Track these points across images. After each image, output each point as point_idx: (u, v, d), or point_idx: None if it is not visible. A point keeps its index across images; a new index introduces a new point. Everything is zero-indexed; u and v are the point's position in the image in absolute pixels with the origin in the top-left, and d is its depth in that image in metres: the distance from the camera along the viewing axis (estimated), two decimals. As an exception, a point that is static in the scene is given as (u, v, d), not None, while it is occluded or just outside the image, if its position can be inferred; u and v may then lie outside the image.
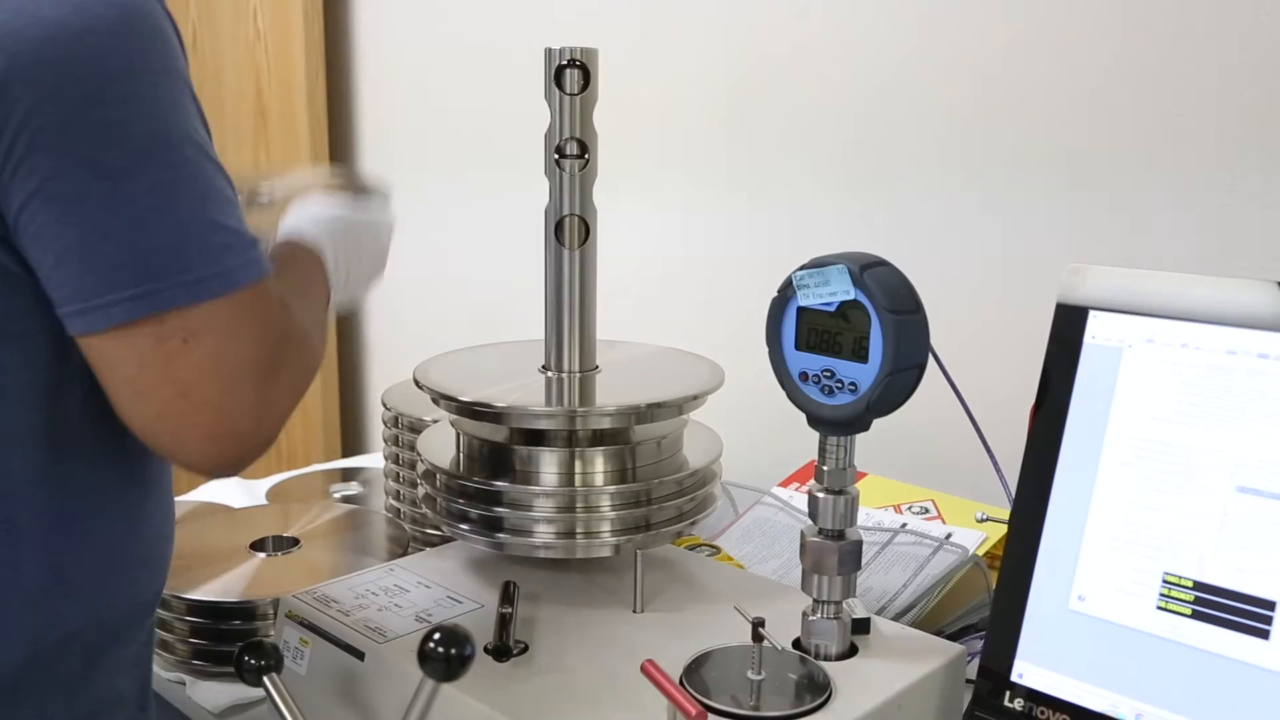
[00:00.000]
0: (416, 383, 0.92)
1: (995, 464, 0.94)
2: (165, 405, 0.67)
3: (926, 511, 1.15)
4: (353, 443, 2.05)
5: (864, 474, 1.24)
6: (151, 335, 0.65)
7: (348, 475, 1.50)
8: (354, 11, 1.93)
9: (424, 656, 0.65)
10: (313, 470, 1.58)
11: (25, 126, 0.62)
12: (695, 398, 0.90)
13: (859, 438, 0.79)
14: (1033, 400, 0.78)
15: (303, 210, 0.90)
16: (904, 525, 1.12)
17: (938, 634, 0.99)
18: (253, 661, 0.72)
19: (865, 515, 1.16)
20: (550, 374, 0.94)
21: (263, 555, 1.05)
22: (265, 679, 0.72)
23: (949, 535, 1.09)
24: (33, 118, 0.62)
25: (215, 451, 0.68)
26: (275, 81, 1.97)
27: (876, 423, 0.77)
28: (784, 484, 1.24)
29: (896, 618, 0.99)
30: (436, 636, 0.64)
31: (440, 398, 0.89)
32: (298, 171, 1.02)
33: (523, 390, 0.90)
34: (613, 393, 0.91)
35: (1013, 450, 0.81)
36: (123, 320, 0.64)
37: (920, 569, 1.05)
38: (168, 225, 0.65)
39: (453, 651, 0.64)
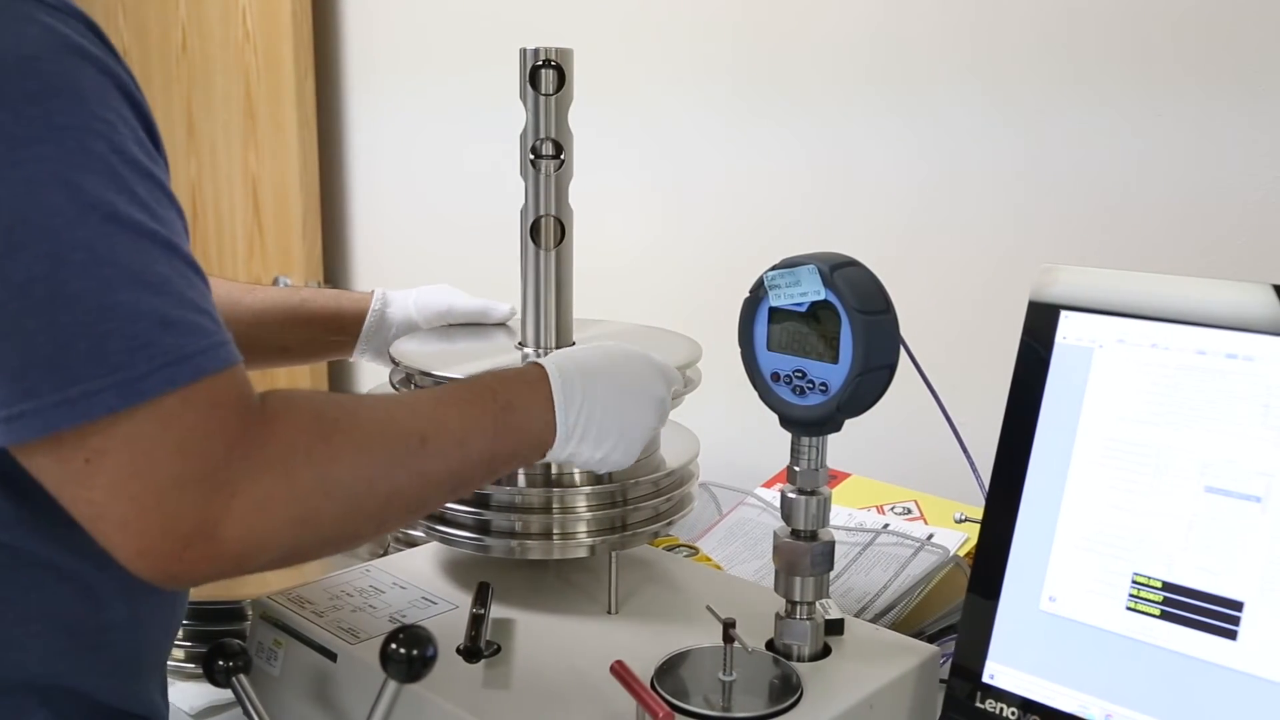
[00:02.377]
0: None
1: (971, 464, 0.94)
2: (89, 524, 0.57)
3: (909, 512, 1.15)
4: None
5: (847, 474, 1.24)
6: (50, 455, 0.56)
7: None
8: (342, 13, 1.93)
9: (386, 658, 0.65)
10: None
11: None
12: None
13: (847, 438, 0.79)
14: (1007, 400, 0.78)
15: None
16: (886, 526, 1.12)
17: (918, 634, 0.99)
18: (221, 663, 0.72)
19: (848, 516, 1.16)
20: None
21: None
22: (234, 680, 0.72)
23: (930, 536, 1.08)
24: None
25: (148, 569, 0.57)
26: (264, 83, 1.97)
27: (861, 423, 0.77)
28: (767, 485, 1.23)
29: (876, 618, 0.99)
30: (399, 638, 0.64)
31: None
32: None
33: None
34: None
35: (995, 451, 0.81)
36: (11, 442, 0.56)
37: (901, 570, 1.05)
38: (46, 330, 0.54)
39: (414, 653, 0.64)
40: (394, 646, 0.65)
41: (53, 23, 0.57)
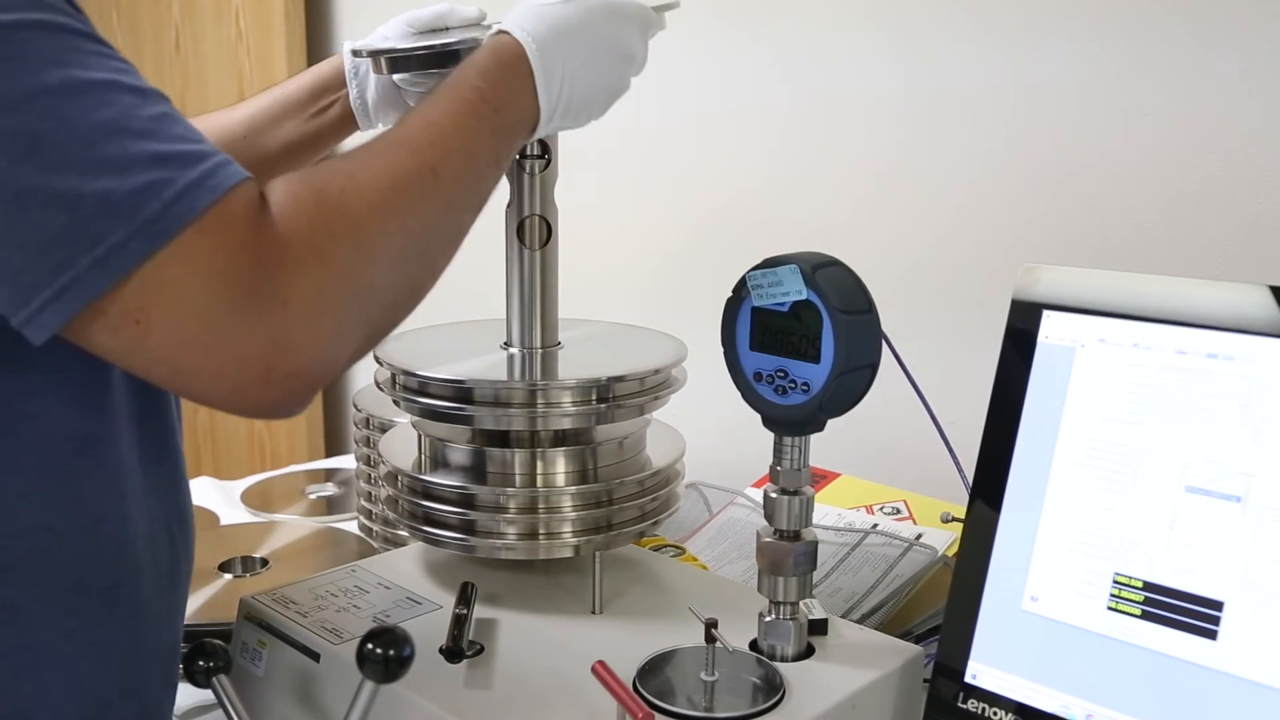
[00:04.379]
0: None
1: (957, 464, 0.94)
2: (171, 382, 0.58)
3: (898, 512, 1.15)
4: (336, 442, 2.05)
5: (837, 474, 1.24)
6: (103, 329, 0.55)
7: (328, 475, 1.50)
8: (335, 12, 1.93)
9: (362, 658, 0.65)
10: (290, 471, 1.58)
11: None
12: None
13: (837, 438, 0.79)
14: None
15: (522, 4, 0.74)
16: (875, 526, 1.12)
17: (906, 635, 0.99)
18: (201, 663, 0.72)
19: (837, 516, 1.16)
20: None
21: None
22: (214, 680, 0.72)
23: (919, 536, 1.08)
24: None
25: (254, 404, 0.58)
26: (257, 82, 1.96)
27: (850, 423, 0.77)
28: (757, 485, 1.23)
29: (864, 618, 0.98)
30: (375, 638, 0.64)
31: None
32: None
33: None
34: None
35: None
36: (58, 324, 0.55)
37: (889, 570, 1.05)
38: (50, 202, 0.53)
39: (391, 653, 0.64)
40: (370, 647, 0.65)
41: None
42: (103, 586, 0.68)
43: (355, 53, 0.93)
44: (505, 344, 0.94)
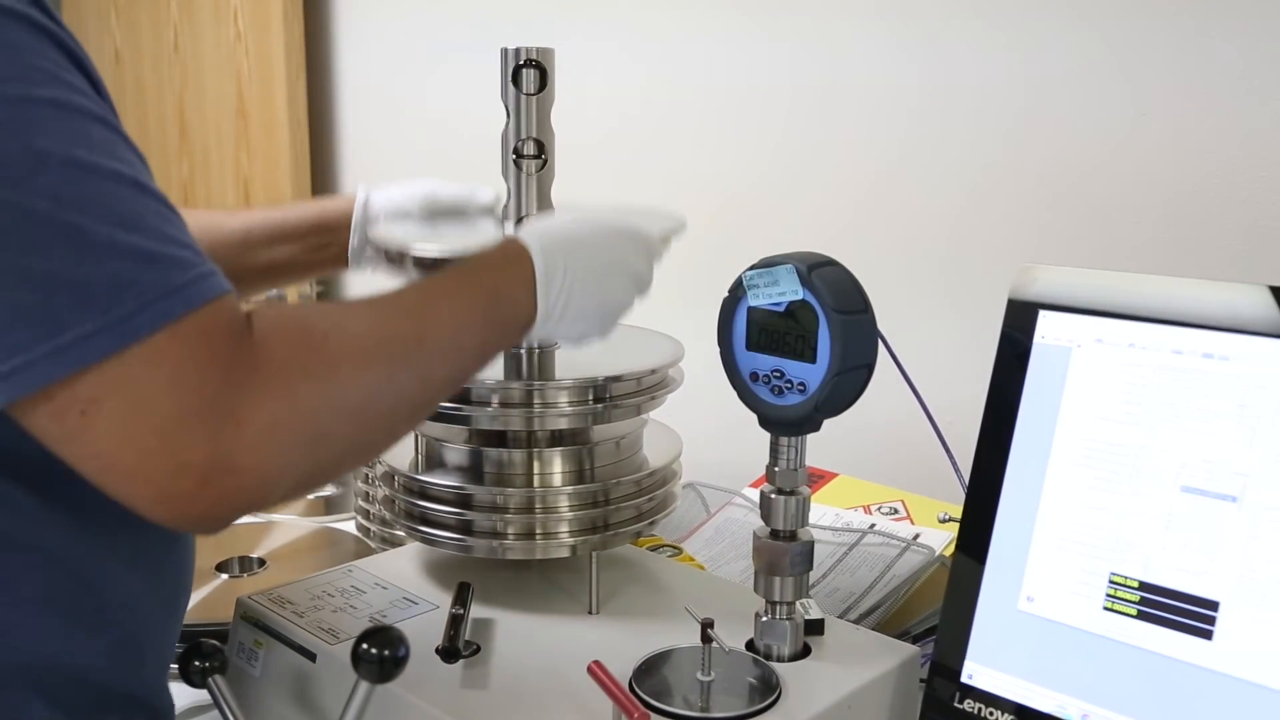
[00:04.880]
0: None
1: (954, 463, 0.93)
2: (97, 477, 0.56)
3: (895, 512, 1.15)
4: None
5: (835, 474, 1.24)
6: (46, 413, 0.54)
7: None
8: (334, 12, 1.93)
9: (357, 658, 0.65)
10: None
11: None
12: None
13: (835, 437, 0.79)
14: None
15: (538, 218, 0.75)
16: (873, 526, 1.12)
17: (903, 635, 0.99)
18: (196, 663, 0.72)
19: (835, 516, 1.16)
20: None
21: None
22: (210, 680, 0.72)
23: (917, 536, 1.08)
24: None
25: (170, 514, 0.57)
26: (256, 82, 1.97)
27: (848, 423, 0.77)
28: (755, 485, 1.23)
29: (861, 618, 0.98)
30: (370, 638, 0.64)
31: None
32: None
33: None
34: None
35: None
36: (6, 402, 0.54)
37: (887, 570, 1.05)
38: (24, 281, 0.53)
39: (386, 653, 0.64)
40: (365, 647, 0.65)
41: None
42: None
43: (378, 244, 0.92)
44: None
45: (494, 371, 0.87)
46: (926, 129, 1.25)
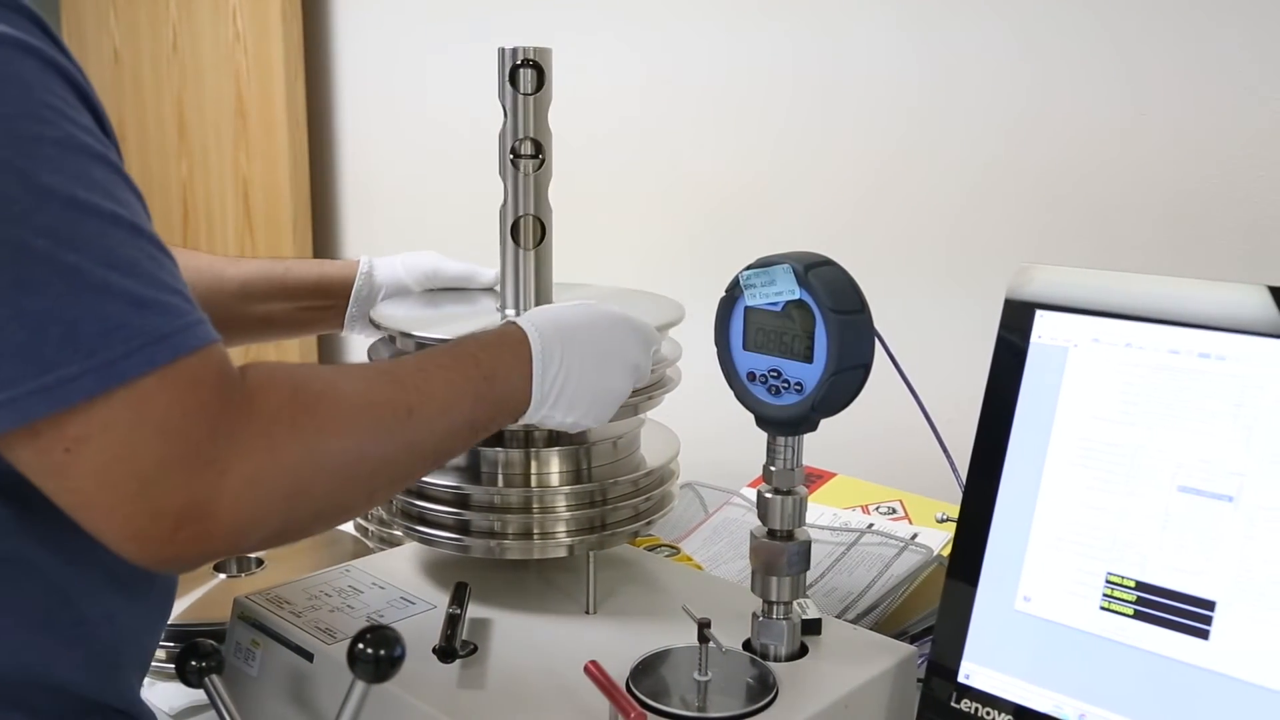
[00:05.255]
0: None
1: (951, 463, 0.93)
2: (75, 512, 0.57)
3: (894, 512, 1.15)
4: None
5: (833, 474, 1.24)
6: (29, 447, 0.55)
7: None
8: (333, 12, 1.93)
9: (353, 658, 0.65)
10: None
11: None
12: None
13: (833, 437, 0.78)
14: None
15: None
16: (870, 526, 1.12)
17: (901, 634, 0.99)
18: (193, 663, 0.72)
19: (833, 516, 1.16)
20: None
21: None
22: (206, 680, 0.72)
23: (915, 536, 1.08)
24: None
25: (144, 554, 0.57)
26: (254, 82, 1.97)
27: (847, 422, 0.77)
28: (754, 484, 1.23)
29: (859, 618, 0.98)
30: (366, 638, 0.64)
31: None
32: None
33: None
34: None
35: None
36: None
37: (885, 569, 1.05)
38: (15, 320, 0.53)
39: (382, 653, 0.64)
40: (361, 646, 0.65)
41: None
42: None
43: (376, 321, 0.92)
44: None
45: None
46: (927, 127, 1.24)
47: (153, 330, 0.55)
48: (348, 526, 1.24)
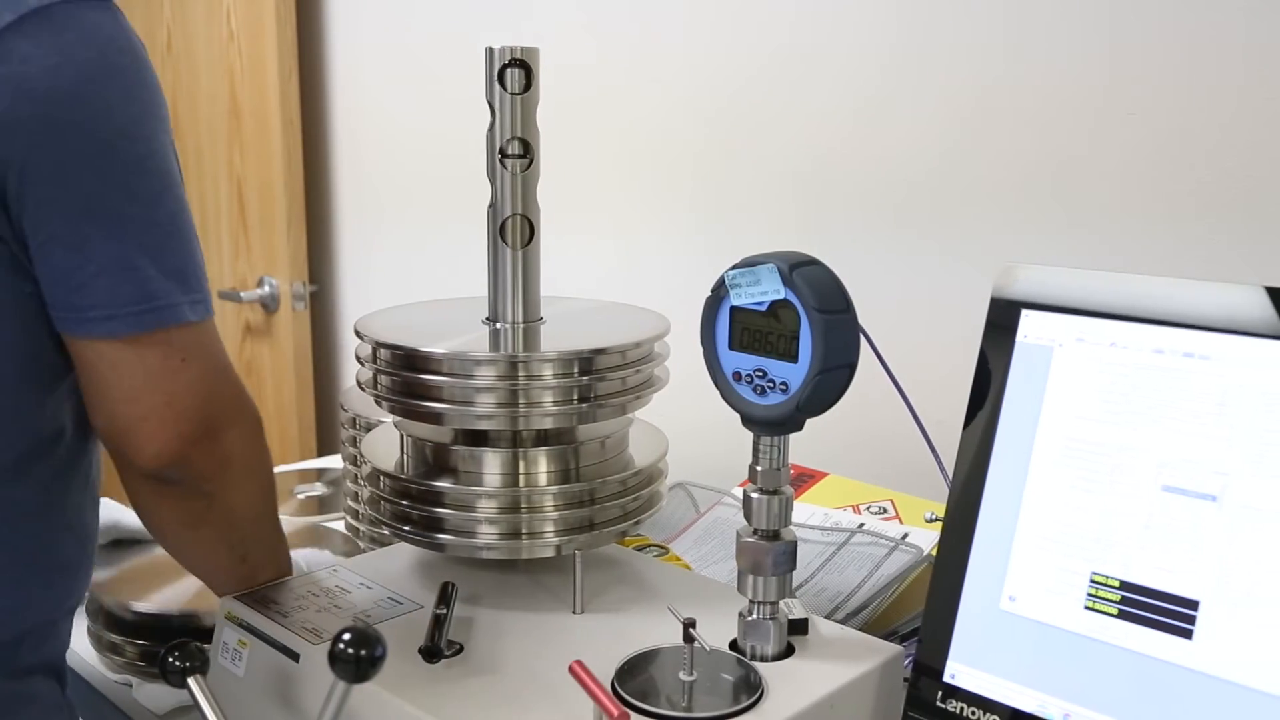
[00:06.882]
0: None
1: (939, 463, 0.93)
2: (152, 410, 0.74)
3: (885, 511, 1.15)
4: (328, 443, 2.05)
5: (824, 474, 1.24)
6: (161, 349, 0.74)
7: (318, 475, 1.50)
8: (326, 12, 1.93)
9: (334, 658, 0.65)
10: (280, 470, 1.57)
11: (65, 148, 0.70)
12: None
13: (824, 437, 0.78)
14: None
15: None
16: (861, 525, 1.12)
17: (891, 634, 0.99)
18: (176, 663, 0.72)
19: (824, 515, 1.15)
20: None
21: None
22: (190, 680, 0.72)
23: (905, 535, 1.08)
24: (75, 139, 0.70)
25: (171, 450, 0.75)
26: (248, 82, 1.97)
27: (838, 422, 0.77)
28: (744, 484, 1.23)
29: (849, 618, 0.98)
30: (346, 638, 0.64)
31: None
32: None
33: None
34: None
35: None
36: (146, 329, 0.73)
37: (875, 569, 1.05)
38: (181, 251, 0.75)
39: (363, 653, 0.64)
40: (341, 646, 0.65)
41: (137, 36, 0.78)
42: None
43: (359, 334, 0.98)
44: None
45: (477, 369, 0.87)
46: (928, 125, 1.25)
47: (207, 290, 0.78)
48: (339, 525, 1.24)
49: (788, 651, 0.80)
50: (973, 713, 0.73)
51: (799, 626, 0.82)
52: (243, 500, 0.83)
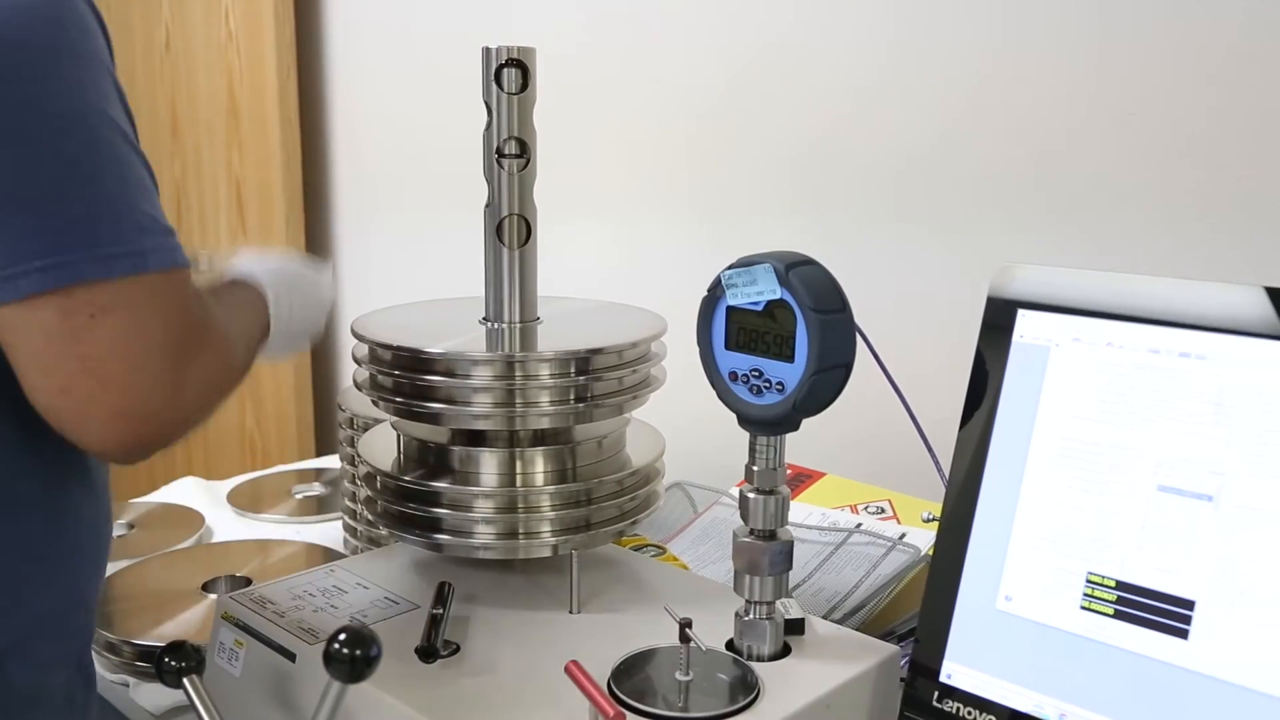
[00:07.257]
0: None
1: (936, 462, 0.93)
2: (70, 380, 0.66)
3: (883, 511, 1.15)
4: (326, 443, 2.05)
5: (822, 474, 1.24)
6: (57, 309, 0.65)
7: (317, 475, 1.50)
8: (325, 12, 1.93)
9: (329, 658, 0.65)
10: (278, 470, 1.58)
11: None
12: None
13: (822, 437, 0.78)
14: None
15: (249, 258, 0.91)
16: (859, 525, 1.12)
17: (889, 634, 0.99)
18: (172, 663, 0.72)
19: (821, 515, 1.15)
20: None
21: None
22: (185, 680, 0.72)
23: (903, 535, 1.08)
24: None
25: (118, 431, 0.68)
26: (247, 82, 1.96)
27: (835, 422, 0.77)
28: (741, 484, 1.23)
29: (846, 617, 0.98)
30: (341, 638, 0.64)
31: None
32: (242, 249, 1.03)
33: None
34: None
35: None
36: (30, 292, 0.65)
37: (873, 569, 1.05)
38: (81, 200, 0.66)
39: (358, 653, 0.64)
40: (336, 646, 0.65)
41: None
42: None
43: (356, 335, 0.97)
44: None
45: (474, 369, 0.87)
46: (927, 120, 1.24)
47: (164, 241, 0.69)
48: (336, 524, 1.24)
49: (784, 651, 0.80)
50: (969, 712, 0.73)
51: (796, 626, 0.82)
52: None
